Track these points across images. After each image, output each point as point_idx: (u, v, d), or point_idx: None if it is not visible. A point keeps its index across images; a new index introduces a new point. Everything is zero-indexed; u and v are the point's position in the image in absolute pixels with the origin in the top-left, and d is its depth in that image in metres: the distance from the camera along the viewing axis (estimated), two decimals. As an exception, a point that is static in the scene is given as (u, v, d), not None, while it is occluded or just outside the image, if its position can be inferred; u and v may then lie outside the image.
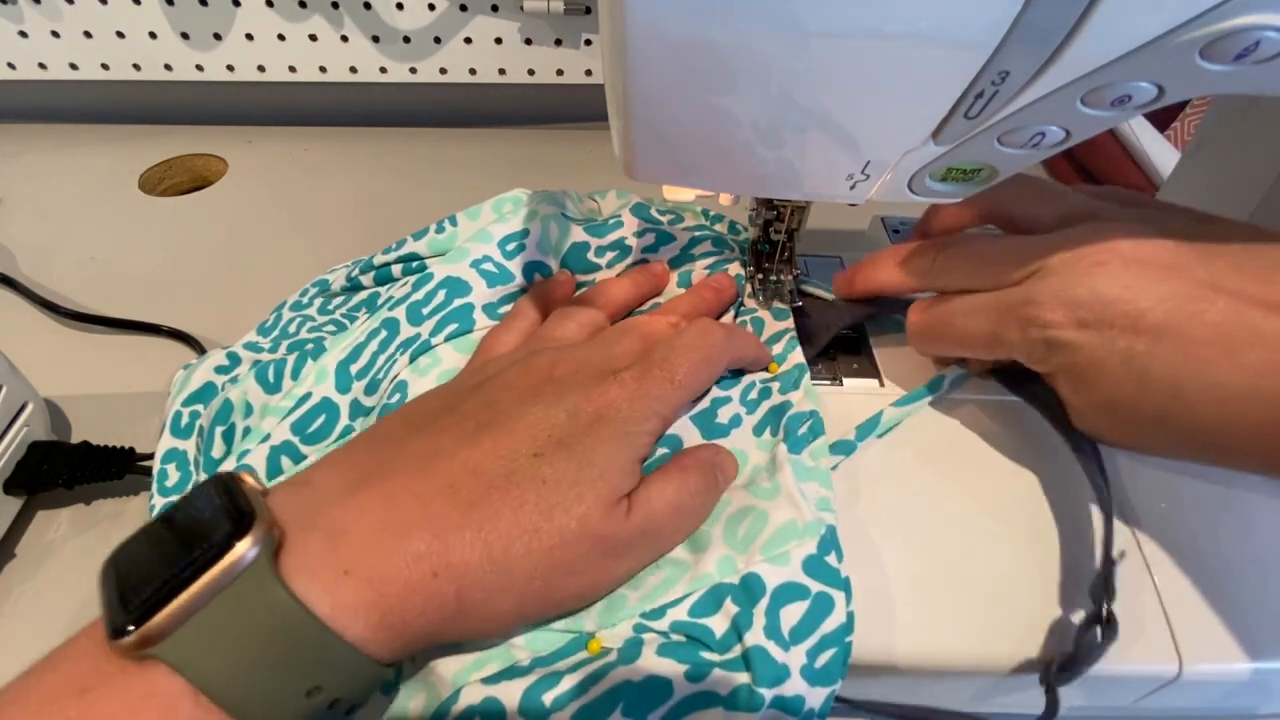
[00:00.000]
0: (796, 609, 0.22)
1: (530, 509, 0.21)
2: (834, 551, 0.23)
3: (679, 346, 0.26)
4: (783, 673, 0.21)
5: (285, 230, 0.50)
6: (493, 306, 0.31)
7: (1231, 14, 0.17)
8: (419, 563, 0.19)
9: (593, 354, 0.26)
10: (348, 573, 0.18)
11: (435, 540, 0.20)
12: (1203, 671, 0.23)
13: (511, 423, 0.22)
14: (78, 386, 0.38)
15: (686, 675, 0.21)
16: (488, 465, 0.21)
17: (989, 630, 0.24)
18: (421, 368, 0.28)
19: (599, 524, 0.21)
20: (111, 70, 0.55)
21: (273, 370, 0.31)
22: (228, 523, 0.18)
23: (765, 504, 0.24)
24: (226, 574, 0.17)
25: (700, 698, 0.20)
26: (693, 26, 0.18)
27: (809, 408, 0.27)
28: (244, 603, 0.17)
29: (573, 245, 0.33)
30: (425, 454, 0.22)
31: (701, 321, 0.28)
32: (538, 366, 0.25)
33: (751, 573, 0.22)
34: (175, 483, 0.30)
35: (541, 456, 0.22)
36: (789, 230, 0.31)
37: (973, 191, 0.23)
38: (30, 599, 0.30)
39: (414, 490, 0.21)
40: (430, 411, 0.24)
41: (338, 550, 0.19)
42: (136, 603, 0.17)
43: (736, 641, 0.21)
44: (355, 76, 0.56)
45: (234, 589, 0.17)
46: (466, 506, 0.20)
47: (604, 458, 0.22)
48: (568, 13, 0.53)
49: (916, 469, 0.28)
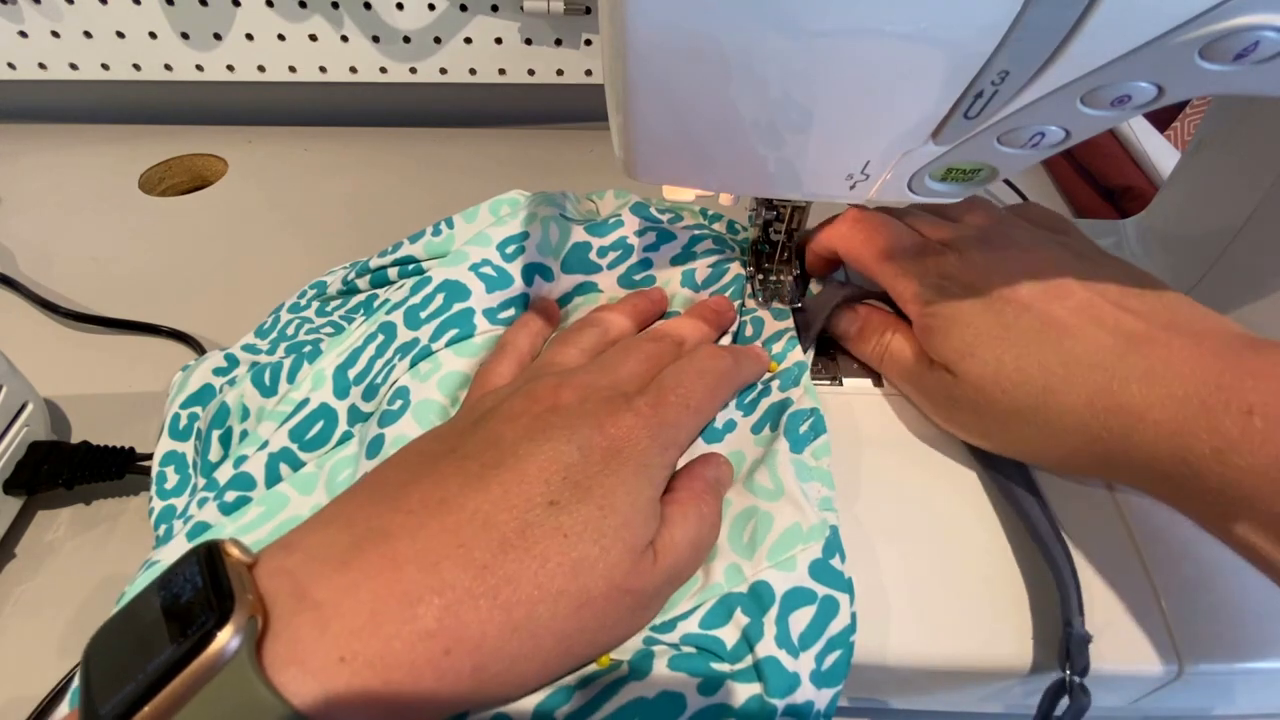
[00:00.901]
0: (805, 614, 0.22)
1: (553, 568, 0.19)
2: (838, 554, 0.23)
3: (691, 370, 0.25)
4: (794, 680, 0.21)
5: (285, 230, 0.50)
6: (493, 311, 0.30)
7: (1231, 14, 0.17)
8: (428, 641, 0.17)
9: (598, 377, 0.24)
10: (344, 660, 0.16)
11: (446, 613, 0.17)
12: (1203, 671, 0.23)
13: (521, 464, 0.20)
14: (78, 386, 0.38)
15: (699, 689, 0.20)
16: (499, 516, 0.19)
17: (988, 630, 0.24)
18: (422, 373, 0.28)
19: (627, 579, 0.20)
20: (111, 70, 0.55)
21: (269, 373, 0.31)
22: (206, 609, 0.16)
23: (769, 505, 0.24)
24: (204, 671, 0.15)
25: (713, 710, 0.20)
26: (693, 26, 0.18)
27: (809, 405, 0.27)
28: (225, 703, 0.15)
29: (573, 246, 0.33)
30: (428, 505, 0.20)
31: (709, 346, 0.27)
32: (540, 393, 0.23)
33: (760, 580, 0.22)
34: (174, 485, 0.30)
35: (558, 505, 0.20)
36: (789, 230, 0.31)
37: (973, 192, 0.23)
38: (30, 599, 0.30)
39: (418, 552, 0.18)
40: (430, 454, 0.22)
41: (330, 633, 0.17)
42: (110, 706, 0.15)
43: (748, 652, 0.21)
44: (355, 76, 0.56)
45: (213, 687, 0.15)
46: (480, 569, 0.18)
47: (625, 501, 0.21)
48: (568, 13, 0.53)
49: (915, 469, 0.28)
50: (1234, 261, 0.32)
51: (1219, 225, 0.33)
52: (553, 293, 0.32)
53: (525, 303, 0.31)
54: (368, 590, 0.17)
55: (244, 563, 0.18)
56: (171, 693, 0.15)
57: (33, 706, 0.27)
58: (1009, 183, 0.53)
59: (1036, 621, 0.24)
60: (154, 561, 0.25)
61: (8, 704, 0.27)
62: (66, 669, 0.28)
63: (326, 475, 0.27)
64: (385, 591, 0.17)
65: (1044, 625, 0.24)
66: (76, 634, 0.29)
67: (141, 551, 0.26)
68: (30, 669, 0.28)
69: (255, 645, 0.16)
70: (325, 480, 0.27)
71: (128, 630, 0.17)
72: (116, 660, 0.16)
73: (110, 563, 0.31)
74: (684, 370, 0.25)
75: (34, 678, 0.27)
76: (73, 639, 0.29)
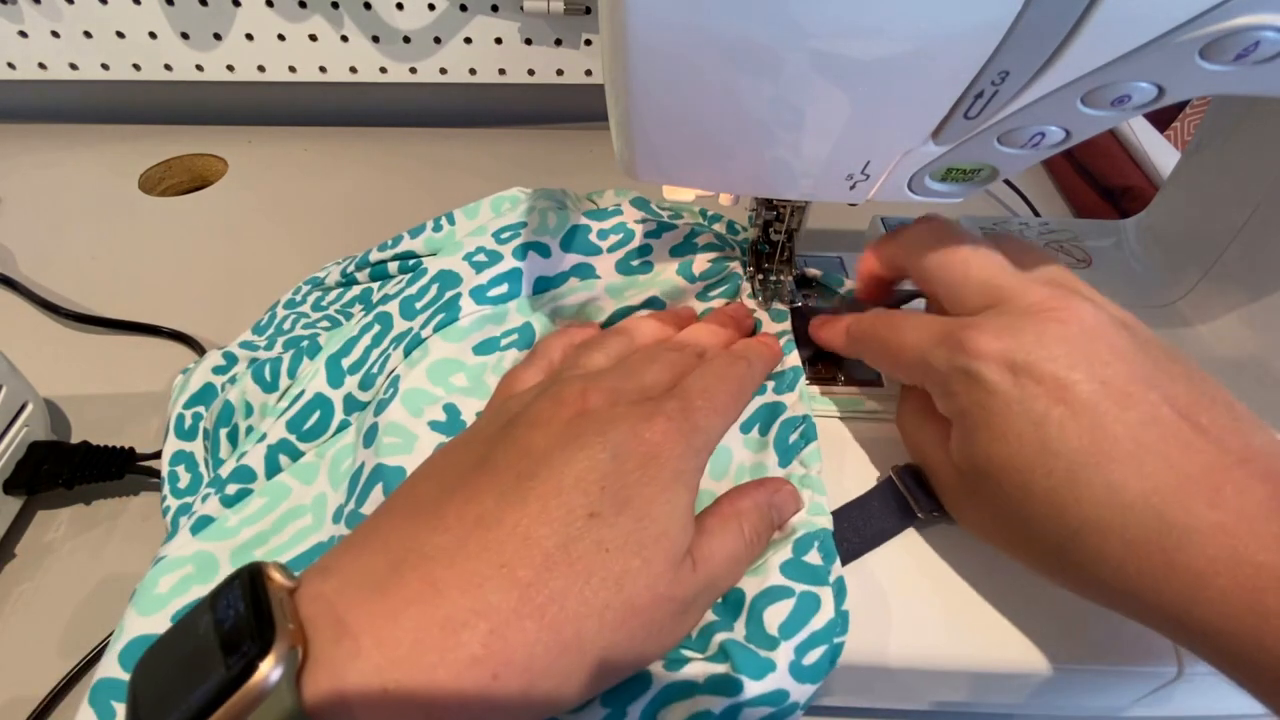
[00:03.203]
0: (782, 607, 0.22)
1: (597, 583, 0.19)
2: (816, 551, 0.23)
3: (714, 374, 0.25)
4: (767, 666, 0.21)
5: (285, 230, 0.50)
6: (481, 290, 0.30)
7: (1231, 14, 0.17)
8: (475, 668, 0.17)
9: (624, 380, 0.24)
10: (387, 690, 0.16)
11: (493, 637, 0.17)
12: (1203, 671, 0.23)
13: (556, 475, 0.20)
14: (78, 386, 0.38)
15: (665, 665, 0.21)
16: (539, 531, 0.19)
17: (989, 630, 0.24)
18: (412, 360, 0.28)
19: (669, 588, 0.20)
20: (111, 70, 0.55)
21: (269, 369, 0.31)
22: (249, 638, 0.16)
23: None
24: (247, 703, 0.15)
25: (679, 686, 0.20)
26: (693, 26, 0.18)
27: (802, 412, 0.27)
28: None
29: (573, 227, 0.32)
30: (465, 522, 0.19)
31: (726, 352, 0.27)
32: (567, 397, 0.23)
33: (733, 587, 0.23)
34: (188, 484, 0.30)
35: (599, 516, 0.19)
36: (789, 230, 0.31)
37: (972, 192, 0.23)
38: (30, 599, 0.30)
39: (459, 574, 0.18)
40: (461, 467, 0.21)
41: (372, 662, 0.16)
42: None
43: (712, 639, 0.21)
44: (355, 76, 0.56)
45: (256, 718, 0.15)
46: (524, 588, 0.18)
47: (664, 511, 0.20)
48: (568, 13, 0.53)
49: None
50: (1234, 261, 0.32)
51: (1219, 225, 0.33)
52: (549, 270, 0.32)
53: (519, 278, 0.30)
54: (409, 617, 0.17)
55: (286, 588, 0.18)
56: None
57: (33, 706, 0.27)
58: (1009, 183, 0.53)
59: (1037, 621, 0.24)
60: (162, 557, 0.25)
61: (8, 704, 0.27)
62: (66, 669, 0.28)
63: (328, 464, 0.27)
64: (427, 616, 0.17)
65: (1044, 625, 0.24)
66: (76, 634, 0.29)
67: (142, 551, 0.26)
68: (30, 669, 0.28)
69: (296, 675, 0.16)
70: (327, 470, 0.27)
71: (174, 654, 0.17)
72: (163, 685, 0.16)
73: (110, 563, 0.31)
74: (707, 374, 0.25)
75: (34, 678, 0.27)
76: (73, 639, 0.29)
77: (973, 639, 0.23)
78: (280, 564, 0.18)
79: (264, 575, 0.17)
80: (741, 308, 0.32)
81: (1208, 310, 0.33)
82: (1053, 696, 0.25)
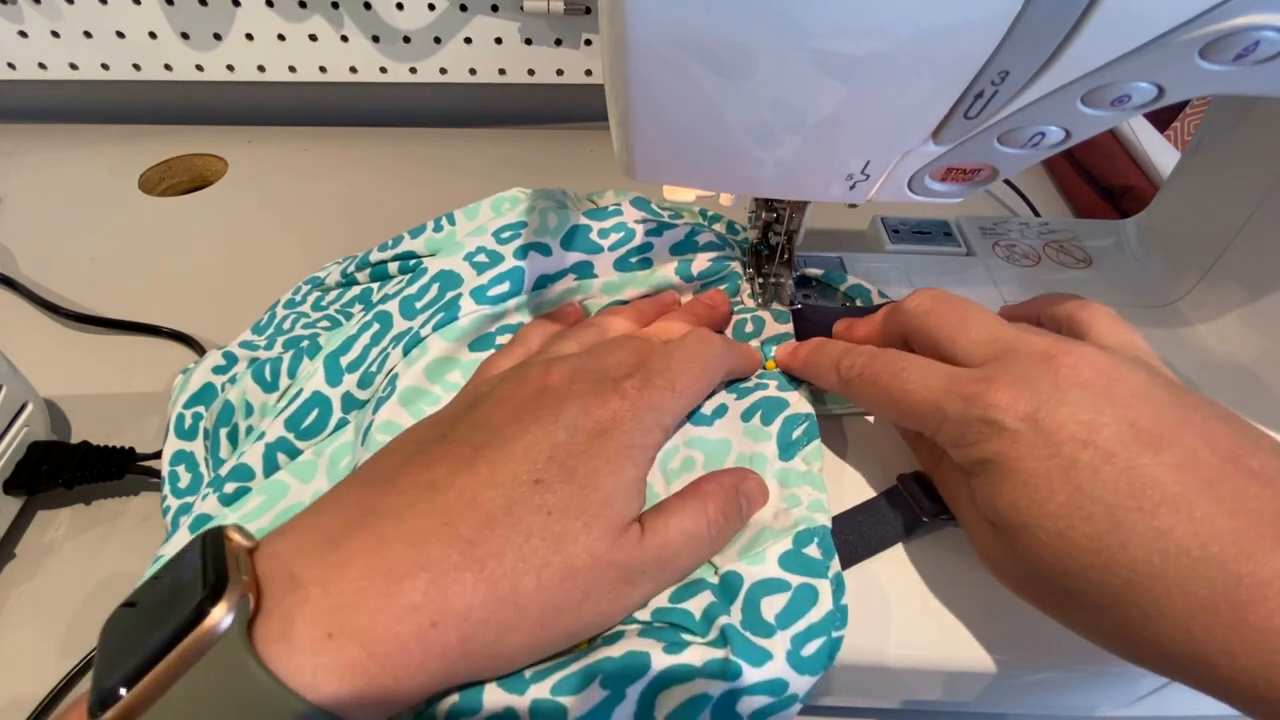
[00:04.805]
0: (778, 599, 0.22)
1: (536, 541, 0.20)
2: (816, 546, 0.23)
3: (678, 355, 0.25)
4: (764, 655, 0.21)
5: (285, 230, 0.50)
6: (481, 290, 0.30)
7: (1231, 14, 0.17)
8: (414, 614, 0.18)
9: (587, 361, 0.25)
10: (331, 635, 0.17)
11: (432, 587, 0.18)
12: (1203, 672, 0.23)
13: (508, 445, 0.21)
14: (78, 386, 0.38)
15: (665, 649, 0.21)
16: (486, 494, 0.20)
17: (986, 631, 0.24)
18: (411, 359, 0.28)
19: (609, 552, 0.20)
20: (111, 70, 0.55)
21: (269, 369, 0.31)
22: (202, 588, 0.17)
23: None
24: (198, 646, 0.16)
25: (678, 670, 0.21)
26: (692, 26, 0.18)
27: (805, 410, 0.27)
28: (217, 676, 0.16)
29: (574, 227, 0.32)
30: (418, 487, 0.20)
31: (699, 330, 0.27)
32: (529, 376, 0.24)
33: (729, 570, 0.23)
34: (188, 484, 0.30)
35: (543, 483, 0.20)
36: (788, 232, 0.31)
37: (972, 192, 0.23)
38: (30, 599, 0.30)
39: (405, 530, 0.19)
40: (423, 440, 0.23)
41: (318, 610, 0.17)
42: (114, 679, 0.16)
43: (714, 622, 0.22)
44: (355, 76, 0.56)
45: (206, 662, 0.16)
46: (466, 544, 0.19)
47: (609, 481, 0.21)
48: (568, 13, 0.53)
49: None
50: (1234, 262, 0.32)
51: (1219, 225, 0.33)
52: (550, 268, 0.31)
53: (520, 277, 0.31)
54: (355, 568, 0.18)
55: (244, 547, 0.18)
56: (167, 666, 0.16)
57: (33, 706, 0.27)
58: (1009, 183, 0.53)
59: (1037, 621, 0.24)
60: (161, 556, 0.25)
61: (8, 704, 0.27)
62: (66, 669, 0.28)
63: (327, 462, 0.27)
64: (371, 568, 0.18)
65: (1044, 625, 0.23)
66: (76, 634, 0.29)
67: (142, 551, 0.26)
68: (30, 669, 0.28)
69: (248, 623, 0.17)
70: (326, 467, 0.27)
71: (136, 610, 0.18)
72: (123, 637, 0.17)
73: (110, 563, 0.31)
74: (671, 355, 0.25)
75: (34, 678, 0.27)
76: (73, 639, 0.29)
77: (972, 639, 0.23)
78: (241, 526, 0.19)
79: (223, 535, 0.18)
80: (718, 293, 0.32)
81: (1208, 310, 0.33)
82: (1052, 696, 0.25)
